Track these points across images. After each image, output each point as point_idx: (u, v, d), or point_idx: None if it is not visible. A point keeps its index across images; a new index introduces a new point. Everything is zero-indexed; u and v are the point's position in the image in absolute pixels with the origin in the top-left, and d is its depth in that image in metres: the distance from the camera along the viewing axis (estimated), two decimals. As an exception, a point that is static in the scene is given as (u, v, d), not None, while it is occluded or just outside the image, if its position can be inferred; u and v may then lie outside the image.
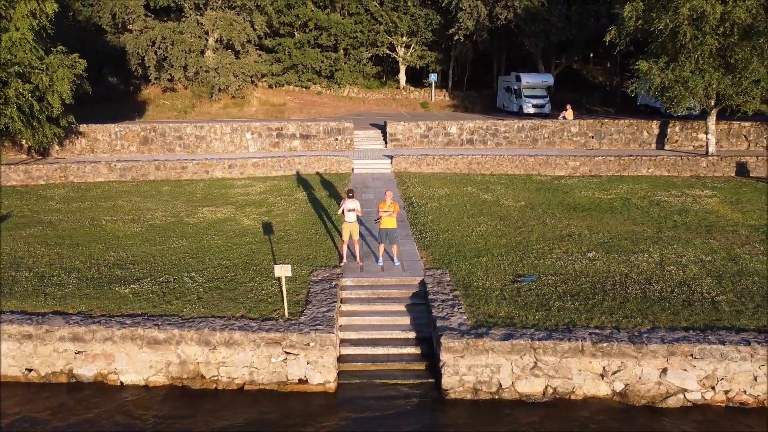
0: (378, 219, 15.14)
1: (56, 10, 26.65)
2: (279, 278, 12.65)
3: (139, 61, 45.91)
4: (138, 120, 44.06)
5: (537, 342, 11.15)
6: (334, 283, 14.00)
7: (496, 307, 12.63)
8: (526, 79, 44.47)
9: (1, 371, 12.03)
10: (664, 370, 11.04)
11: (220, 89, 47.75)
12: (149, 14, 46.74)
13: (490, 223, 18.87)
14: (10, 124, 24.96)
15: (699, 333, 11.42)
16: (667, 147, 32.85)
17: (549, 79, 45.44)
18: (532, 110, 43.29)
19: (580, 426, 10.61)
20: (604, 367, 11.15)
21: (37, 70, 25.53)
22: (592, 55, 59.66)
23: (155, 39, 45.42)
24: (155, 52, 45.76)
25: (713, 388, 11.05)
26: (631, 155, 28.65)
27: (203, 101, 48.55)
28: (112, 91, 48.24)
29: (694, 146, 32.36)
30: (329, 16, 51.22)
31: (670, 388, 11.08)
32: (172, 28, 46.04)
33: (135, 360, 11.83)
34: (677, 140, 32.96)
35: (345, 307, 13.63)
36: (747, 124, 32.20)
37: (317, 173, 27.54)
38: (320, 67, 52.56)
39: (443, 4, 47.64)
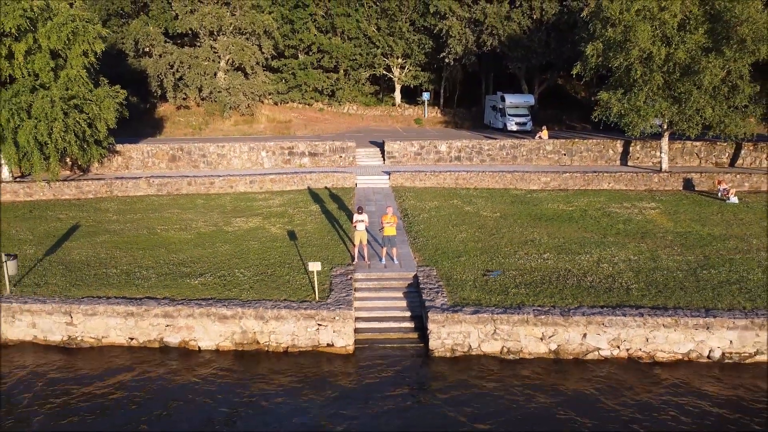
0: (381, 228, 19.83)
1: (103, 49, 31.29)
2: (312, 272, 17.33)
3: (159, 83, 50.58)
4: (158, 136, 48.75)
5: (496, 315, 15.85)
6: (349, 277, 18.69)
7: (468, 293, 17.34)
8: (510, 99, 49.40)
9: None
10: (584, 335, 15.76)
11: (231, 107, 52.38)
12: (168, 40, 51.41)
13: (469, 231, 23.58)
14: (68, 147, 29.50)
15: (610, 309, 16.16)
16: (629, 163, 37.66)
17: (530, 100, 50.32)
18: (515, 127, 48.18)
19: (527, 371, 15.29)
20: (542, 333, 15.86)
21: (88, 101, 30.14)
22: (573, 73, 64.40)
23: (173, 63, 50.10)
24: (173, 75, 50.46)
25: (618, 347, 15.79)
26: (596, 171, 33.42)
27: (216, 118, 53.15)
28: (133, 109, 52.76)
29: (653, 162, 37.13)
30: (331, 40, 55.99)
31: (589, 347, 15.81)
32: (188, 53, 50.71)
33: (209, 331, 16.47)
34: (638, 157, 37.81)
35: (358, 294, 18.31)
36: (698, 143, 37.06)
37: (326, 188, 32.18)
38: (322, 86, 57.32)
39: (435, 31, 52.46)
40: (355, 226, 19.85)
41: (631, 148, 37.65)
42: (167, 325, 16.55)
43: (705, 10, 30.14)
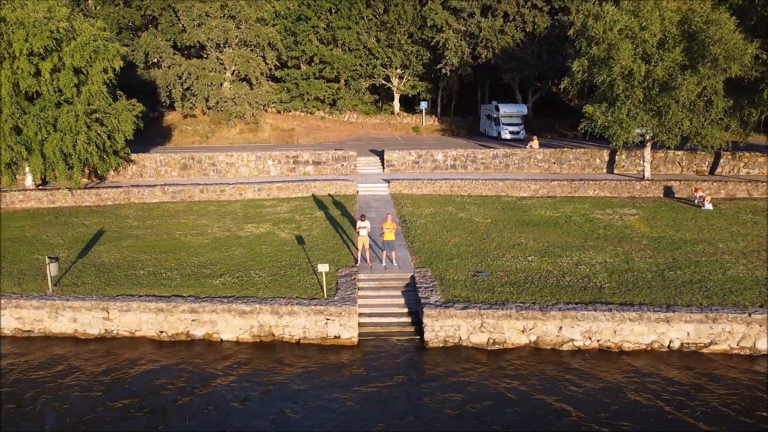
0: (381, 233, 22.04)
1: (121, 65, 33.49)
2: (320, 273, 19.54)
3: (167, 93, 52.84)
4: (166, 144, 50.96)
5: (483, 311, 18.05)
6: (353, 277, 20.88)
7: (459, 291, 19.53)
8: (504, 109, 51.73)
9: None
10: (560, 328, 17.96)
11: (236, 116, 54.61)
12: (176, 52, 53.68)
13: (462, 235, 25.78)
14: (90, 158, 31.68)
15: (584, 305, 18.36)
16: (615, 171, 39.93)
17: (523, 109, 52.62)
18: (508, 136, 50.52)
19: (510, 360, 17.47)
20: (524, 326, 18.05)
21: (108, 115, 32.34)
22: (561, 87, 66.78)
23: (182, 74, 52.38)
24: (181, 85, 52.71)
25: (590, 338, 17.98)
26: (582, 179, 35.63)
27: (221, 127, 55.39)
28: (143, 118, 54.91)
29: (637, 171, 39.36)
30: (332, 52, 58.29)
31: (564, 339, 18.01)
32: (196, 64, 52.99)
33: (230, 325, 18.65)
34: (624, 166, 40.08)
35: (361, 293, 20.50)
36: (680, 152, 39.33)
37: (329, 195, 34.37)
38: (324, 95, 59.64)
39: (432, 43, 54.85)
40: (358, 232, 22.04)
41: (617, 157, 39.90)
42: (193, 320, 18.73)
43: (683, 29, 32.44)
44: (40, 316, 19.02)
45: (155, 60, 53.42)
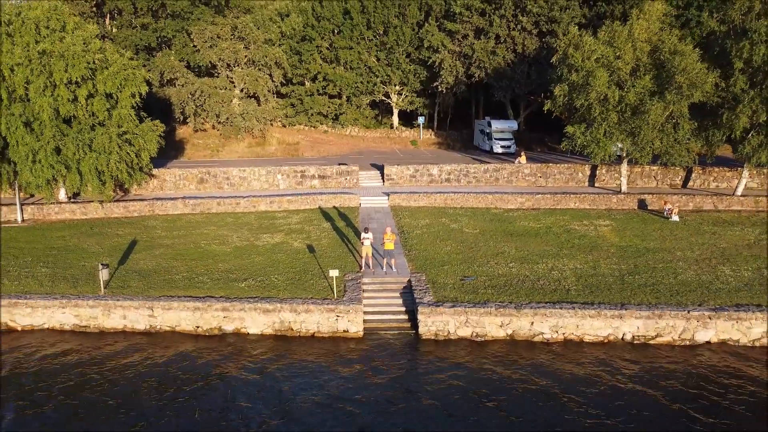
0: (382, 243, 25.62)
1: (147, 90, 37.12)
2: (331, 277, 23.12)
3: (181, 110, 56.54)
4: (180, 158, 54.63)
5: (467, 309, 21.61)
6: (358, 281, 24.45)
7: (449, 293, 23.10)
8: (496, 125, 55.45)
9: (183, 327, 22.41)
10: (532, 323, 21.52)
11: (245, 131, 58.28)
12: (189, 72, 57.40)
13: (453, 245, 29.35)
14: (119, 175, 35.23)
15: (552, 304, 21.92)
16: (596, 185, 43.54)
17: (514, 125, 56.31)
18: (500, 150, 54.21)
19: (490, 349, 21.01)
20: (501, 321, 21.62)
21: (135, 135, 35.93)
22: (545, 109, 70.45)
23: (194, 92, 56.10)
24: (194, 102, 56.44)
25: (557, 331, 21.54)
26: (564, 192, 39.23)
27: (231, 140, 59.07)
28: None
29: (616, 184, 42.95)
30: (335, 70, 62.06)
31: (535, 332, 21.58)
32: (208, 83, 56.73)
33: (256, 321, 22.20)
34: (604, 179, 43.71)
35: (366, 294, 24.07)
36: (655, 167, 42.95)
37: (334, 207, 37.92)
38: (327, 111, 63.41)
39: (429, 62, 58.58)
40: (362, 242, 25.62)
41: (597, 172, 43.53)
42: (224, 317, 22.27)
43: (654, 58, 36.12)
44: (95, 314, 22.57)
45: (169, 78, 57.10)
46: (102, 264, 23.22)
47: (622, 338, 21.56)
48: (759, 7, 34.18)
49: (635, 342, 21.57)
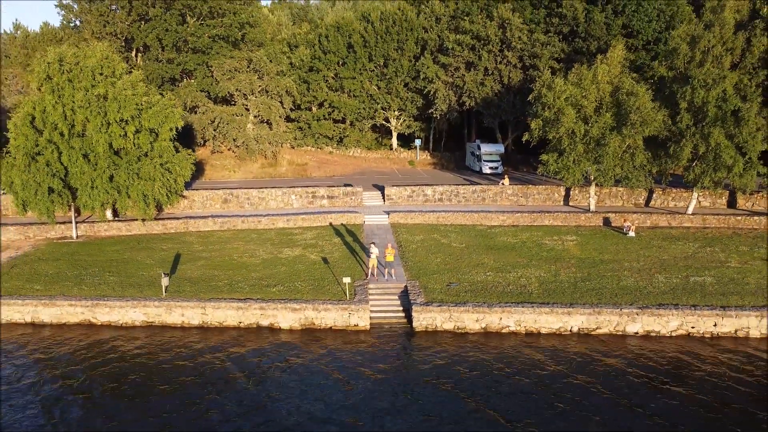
0: (384, 256, 31.91)
1: (183, 125, 43.45)
2: (345, 283, 29.38)
3: (202, 135, 62.98)
4: (202, 179, 60.96)
5: (450, 307, 27.84)
6: (365, 286, 30.71)
7: (437, 296, 29.33)
8: (485, 148, 61.95)
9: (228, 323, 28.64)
10: (501, 318, 27.75)
11: (258, 153, 64.65)
12: (209, 100, 63.91)
13: (442, 257, 35.58)
14: (160, 198, 41.49)
15: (516, 304, 28.17)
16: (570, 203, 49.87)
17: (501, 148, 62.80)
18: (489, 171, 60.66)
19: (468, 339, 27.22)
20: (477, 317, 27.85)
21: (173, 163, 42.20)
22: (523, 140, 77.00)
23: (214, 119, 62.56)
24: (213, 128, 62.89)
25: (520, 325, 27.77)
26: (541, 211, 45.51)
27: (245, 162, 65.43)
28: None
29: (587, 203, 49.25)
30: (339, 97, 68.59)
31: (504, 325, 27.82)
32: (226, 111, 63.20)
33: (286, 317, 28.41)
34: (577, 199, 50.04)
35: (371, 296, 30.31)
36: (621, 188, 49.28)
37: (342, 224, 44.17)
38: (332, 134, 69.94)
39: (424, 91, 65.13)
40: (369, 255, 31.92)
41: (571, 192, 49.88)
42: (261, 314, 28.49)
43: (614, 97, 42.56)
44: (160, 312, 28.78)
45: (192, 106, 63.56)
46: (164, 273, 29.48)
47: (570, 330, 27.77)
48: (699, 57, 40.68)
49: (580, 333, 27.77)
